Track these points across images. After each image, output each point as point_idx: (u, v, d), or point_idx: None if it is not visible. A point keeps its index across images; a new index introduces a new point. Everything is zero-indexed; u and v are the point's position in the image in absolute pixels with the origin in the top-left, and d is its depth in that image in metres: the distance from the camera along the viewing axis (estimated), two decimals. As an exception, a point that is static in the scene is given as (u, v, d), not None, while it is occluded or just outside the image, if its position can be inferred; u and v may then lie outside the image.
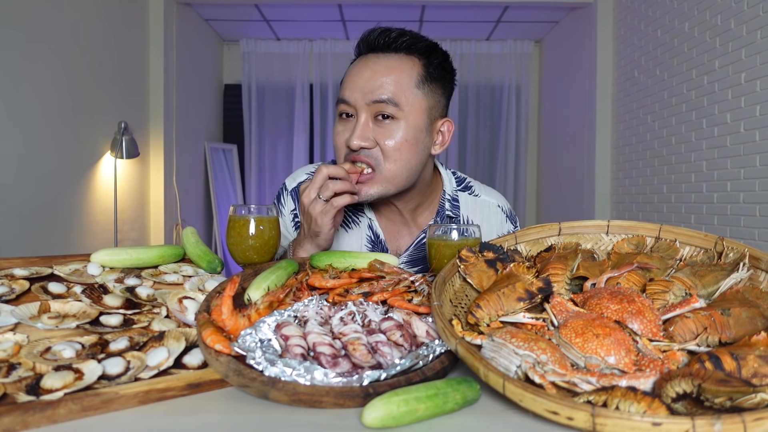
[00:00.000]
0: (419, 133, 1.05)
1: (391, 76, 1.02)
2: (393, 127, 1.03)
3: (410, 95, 1.04)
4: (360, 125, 1.02)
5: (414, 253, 1.16)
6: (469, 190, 1.23)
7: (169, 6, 3.61)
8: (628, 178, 3.34)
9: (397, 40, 1.05)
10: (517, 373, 0.54)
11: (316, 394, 0.53)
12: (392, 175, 1.04)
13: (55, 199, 2.69)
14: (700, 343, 0.60)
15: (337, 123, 1.09)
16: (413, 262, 1.16)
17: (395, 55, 1.05)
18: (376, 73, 1.03)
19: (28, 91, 2.45)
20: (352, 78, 1.05)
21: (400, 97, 1.02)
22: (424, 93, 1.05)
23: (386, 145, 1.02)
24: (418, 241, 1.16)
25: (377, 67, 1.04)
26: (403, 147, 1.03)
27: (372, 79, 1.02)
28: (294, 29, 4.45)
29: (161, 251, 0.92)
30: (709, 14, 2.60)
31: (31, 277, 0.80)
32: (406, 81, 1.03)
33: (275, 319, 0.66)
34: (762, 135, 2.27)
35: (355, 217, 1.19)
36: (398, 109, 1.02)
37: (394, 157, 1.03)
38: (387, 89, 1.02)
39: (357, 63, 1.08)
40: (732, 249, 0.76)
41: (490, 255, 0.80)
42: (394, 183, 1.05)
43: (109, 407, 0.53)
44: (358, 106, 1.03)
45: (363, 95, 1.02)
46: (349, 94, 1.04)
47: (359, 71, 1.05)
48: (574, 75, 3.93)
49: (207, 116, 4.46)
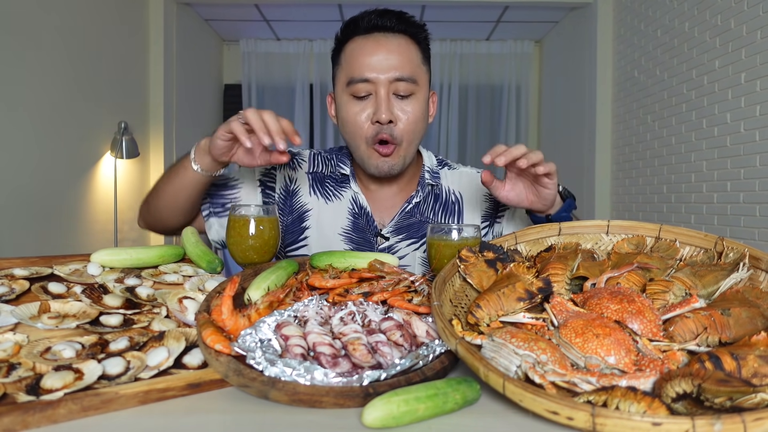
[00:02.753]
0: (426, 107, 1.14)
1: (405, 54, 1.08)
2: (411, 104, 1.08)
3: (420, 71, 1.11)
4: (384, 100, 1.06)
5: (400, 222, 1.19)
6: (448, 166, 1.29)
7: (169, 6, 3.60)
8: (628, 178, 3.34)
9: (398, 22, 1.09)
10: (517, 373, 0.54)
11: (316, 394, 0.53)
12: (408, 148, 1.11)
13: (55, 199, 2.69)
14: (700, 343, 0.60)
15: (350, 104, 1.09)
16: (398, 231, 1.18)
17: (399, 35, 1.09)
18: (391, 51, 1.07)
19: (28, 91, 2.45)
20: (365, 57, 1.07)
21: (416, 73, 1.09)
22: (426, 68, 1.14)
23: (406, 120, 1.08)
24: (402, 210, 1.18)
25: (390, 46, 1.07)
26: (419, 121, 1.11)
27: (390, 56, 1.06)
28: (294, 29, 4.45)
29: (161, 251, 0.92)
30: (709, 14, 2.60)
31: (31, 277, 0.80)
32: (415, 58, 1.10)
33: (275, 319, 0.66)
34: (762, 135, 2.27)
35: (337, 191, 1.20)
36: (415, 85, 1.08)
37: (411, 131, 1.10)
38: (406, 67, 1.07)
39: (363, 42, 1.08)
40: (732, 249, 0.76)
41: (490, 255, 0.80)
42: (409, 154, 1.13)
43: (109, 407, 0.53)
44: (378, 83, 1.06)
45: (384, 72, 1.06)
46: (369, 72, 1.06)
47: (372, 50, 1.07)
48: (574, 75, 3.93)
49: (207, 116, 4.46)
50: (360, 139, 1.10)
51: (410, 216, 1.18)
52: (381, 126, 1.07)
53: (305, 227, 1.19)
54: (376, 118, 1.06)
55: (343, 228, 1.18)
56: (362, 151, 1.11)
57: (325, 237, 1.19)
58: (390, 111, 1.06)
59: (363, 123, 1.08)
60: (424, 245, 1.17)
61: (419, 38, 1.12)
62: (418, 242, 1.18)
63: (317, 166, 1.23)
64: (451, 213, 1.21)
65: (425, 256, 1.17)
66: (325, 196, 1.20)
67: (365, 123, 1.08)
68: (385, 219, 1.20)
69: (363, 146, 1.10)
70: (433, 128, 4.71)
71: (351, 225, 1.18)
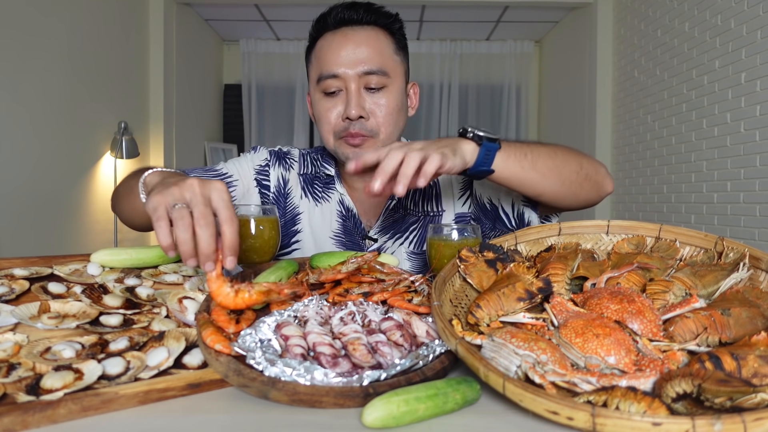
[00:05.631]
0: (403, 98, 1.11)
1: (374, 46, 1.06)
2: (384, 96, 1.07)
3: (392, 63, 1.08)
4: (354, 96, 1.04)
5: (385, 221, 1.17)
6: None
7: (169, 6, 3.61)
8: (628, 178, 3.34)
9: (367, 13, 1.07)
10: (517, 373, 0.54)
11: (316, 394, 0.53)
12: (386, 140, 1.08)
13: (55, 199, 2.69)
14: (700, 343, 0.60)
15: (322, 101, 1.09)
16: (384, 230, 1.17)
17: (368, 27, 1.08)
18: (360, 44, 1.05)
19: (29, 91, 2.45)
20: (333, 52, 1.05)
21: (387, 65, 1.06)
22: (401, 59, 1.11)
23: (380, 114, 1.06)
24: (386, 208, 1.16)
25: (359, 39, 1.05)
26: (395, 112, 1.08)
27: (358, 50, 1.04)
28: (294, 29, 4.45)
29: (161, 251, 0.92)
30: (709, 14, 2.60)
31: (31, 277, 0.79)
32: (386, 49, 1.08)
33: (275, 319, 0.66)
34: (762, 135, 2.27)
35: (325, 193, 1.19)
36: (387, 78, 1.06)
37: (388, 123, 1.07)
38: (375, 60, 1.05)
39: (332, 37, 1.07)
40: (732, 249, 0.76)
41: (490, 255, 0.80)
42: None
43: (109, 407, 0.53)
44: (347, 78, 1.04)
45: (352, 67, 1.04)
46: (337, 68, 1.04)
47: (340, 45, 1.05)
48: (574, 75, 3.93)
49: (207, 116, 4.46)
50: (329, 134, 1.09)
51: (395, 212, 1.17)
52: (351, 122, 1.05)
53: (296, 230, 1.18)
54: (346, 114, 1.05)
55: (333, 231, 1.17)
56: (332, 145, 1.10)
57: (318, 240, 1.18)
58: (360, 106, 1.04)
59: (333, 120, 1.07)
60: (410, 238, 1.16)
61: (392, 29, 1.10)
62: (403, 236, 1.17)
63: (306, 167, 1.22)
64: (430, 198, 1.18)
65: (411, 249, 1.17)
66: (315, 198, 1.19)
67: (335, 120, 1.07)
68: (372, 219, 1.19)
69: (332, 140, 1.09)
70: (433, 128, 4.71)
71: (341, 228, 1.17)
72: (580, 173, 0.94)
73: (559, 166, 0.91)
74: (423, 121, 4.75)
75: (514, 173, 0.88)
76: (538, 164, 0.89)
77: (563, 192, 0.94)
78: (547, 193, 0.93)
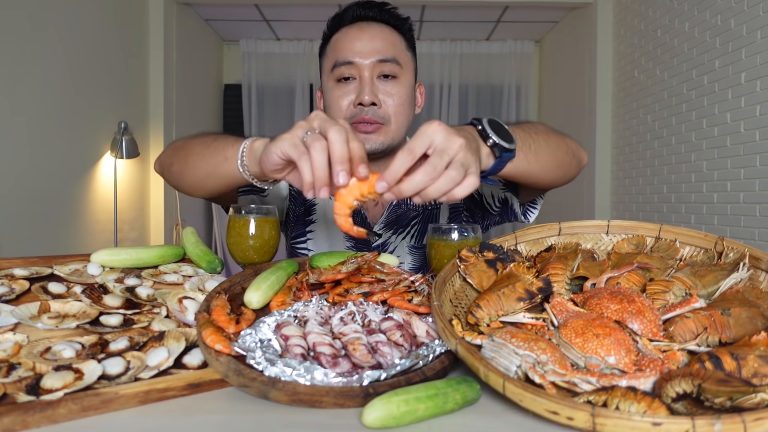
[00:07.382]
0: (413, 92, 1.16)
1: (388, 39, 1.10)
2: (396, 86, 1.10)
3: (405, 56, 1.13)
4: (368, 82, 1.07)
5: (389, 216, 1.19)
6: None
7: (169, 6, 3.60)
8: (628, 178, 3.34)
9: (380, 12, 1.12)
10: (517, 373, 0.54)
11: (316, 394, 0.53)
12: (397, 130, 1.11)
13: (55, 199, 2.69)
14: (700, 343, 0.60)
15: (335, 89, 1.11)
16: (388, 225, 1.19)
17: (383, 24, 1.12)
18: (375, 35, 1.09)
19: (28, 91, 2.45)
20: (349, 42, 1.09)
21: (400, 56, 1.11)
22: (411, 56, 1.16)
23: (392, 103, 1.09)
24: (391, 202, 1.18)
25: (374, 31, 1.10)
26: (405, 104, 1.11)
27: (374, 40, 1.09)
28: (294, 29, 4.45)
29: (161, 251, 0.92)
30: (709, 14, 2.60)
31: (31, 277, 0.80)
32: (399, 44, 1.12)
33: (275, 319, 0.66)
34: (762, 135, 2.27)
35: None
36: (400, 68, 1.10)
37: (398, 113, 1.10)
38: (389, 50, 1.09)
39: (347, 30, 1.11)
40: (732, 249, 0.76)
41: (490, 255, 0.80)
42: (396, 138, 1.12)
43: (109, 407, 0.53)
44: (362, 67, 1.08)
45: (367, 56, 1.07)
46: (352, 56, 1.08)
47: (356, 35, 1.09)
48: (574, 75, 3.93)
49: (207, 116, 4.46)
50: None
51: (398, 207, 1.19)
52: (363, 108, 1.07)
53: (311, 220, 1.20)
54: (359, 100, 1.07)
55: None
56: None
57: (331, 233, 1.20)
58: (373, 93, 1.07)
59: (344, 106, 1.09)
60: (411, 232, 1.18)
61: (403, 29, 1.15)
62: (405, 230, 1.19)
63: None
64: None
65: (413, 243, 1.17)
66: None
67: (347, 106, 1.09)
68: (376, 215, 1.21)
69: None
70: (433, 128, 4.70)
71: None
72: (568, 153, 0.94)
73: (555, 151, 0.90)
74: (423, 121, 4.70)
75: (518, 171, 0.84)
76: (540, 154, 0.86)
77: (558, 174, 0.95)
78: (545, 179, 0.93)
